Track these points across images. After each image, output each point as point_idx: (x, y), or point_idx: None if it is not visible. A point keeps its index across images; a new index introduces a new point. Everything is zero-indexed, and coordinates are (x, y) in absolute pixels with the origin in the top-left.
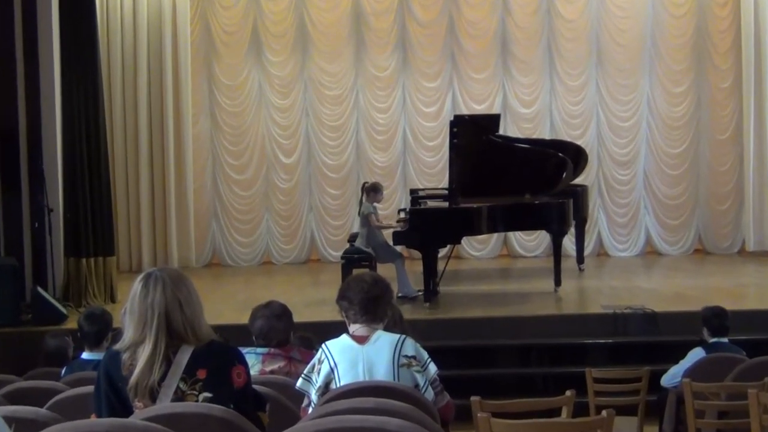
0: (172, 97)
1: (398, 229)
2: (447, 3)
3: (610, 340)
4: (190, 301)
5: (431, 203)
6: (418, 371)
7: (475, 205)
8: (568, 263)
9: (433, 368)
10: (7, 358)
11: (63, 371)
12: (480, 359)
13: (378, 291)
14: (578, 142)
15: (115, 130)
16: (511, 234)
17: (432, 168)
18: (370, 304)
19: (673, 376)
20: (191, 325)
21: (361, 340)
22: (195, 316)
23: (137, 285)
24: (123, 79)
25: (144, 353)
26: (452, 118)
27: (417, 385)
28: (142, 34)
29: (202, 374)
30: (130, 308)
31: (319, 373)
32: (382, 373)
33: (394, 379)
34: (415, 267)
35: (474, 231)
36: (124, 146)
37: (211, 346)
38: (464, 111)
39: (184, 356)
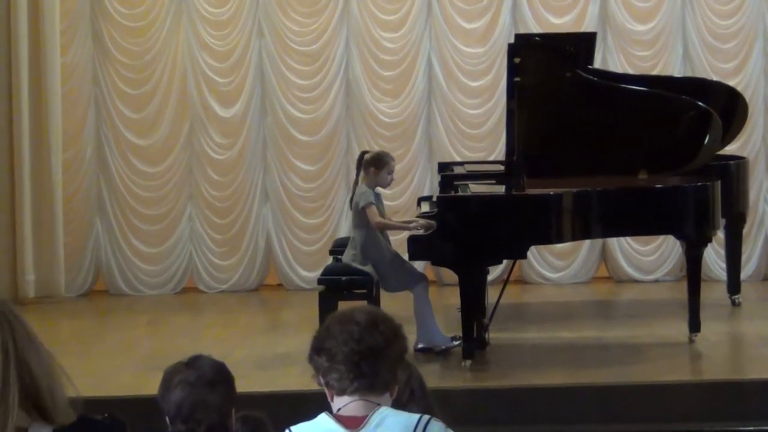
0: (27, 4)
1: (418, 232)
2: None
3: None
4: (38, 349)
5: (475, 187)
6: None
7: (551, 192)
8: (714, 292)
9: None
10: None
11: None
12: None
13: (378, 339)
14: (731, 83)
15: None
16: (614, 242)
17: (476, 127)
18: (364, 362)
19: None
20: (51, 391)
21: (352, 423)
22: (50, 375)
23: None
24: None
25: None
26: (512, 41)
27: None
28: None
29: None
30: None
31: None
32: None
33: None
34: (447, 298)
35: (550, 236)
36: None
37: (87, 429)
38: (533, 29)
39: None
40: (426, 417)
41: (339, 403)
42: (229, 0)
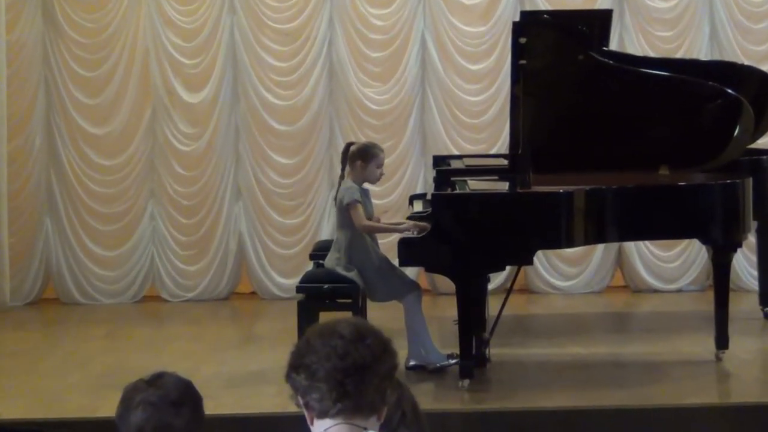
0: None
1: (410, 234)
2: None
3: None
4: None
5: (474, 184)
6: None
7: (561, 190)
8: (744, 304)
9: None
10: None
11: None
12: None
13: (365, 354)
14: (764, 68)
15: None
16: (631, 247)
17: (476, 116)
18: (349, 381)
19: None
20: None
21: None
22: None
23: None
24: None
25: None
26: (517, 18)
27: None
28: None
29: None
30: None
31: None
32: None
33: None
34: (443, 310)
35: (559, 240)
36: None
37: None
38: (541, 5)
39: None
40: None
41: (320, 426)
42: None
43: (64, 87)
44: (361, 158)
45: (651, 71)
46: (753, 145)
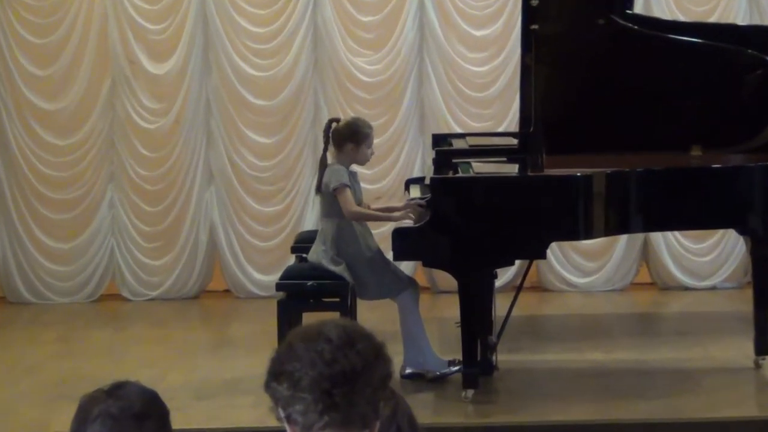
0: None
1: (406, 222)
2: None
3: None
4: None
5: (480, 166)
6: None
7: (578, 173)
8: None
9: None
10: None
11: None
12: None
13: (355, 361)
14: None
15: None
16: (658, 238)
17: (481, 89)
18: (337, 390)
19: None
20: None
21: None
22: None
23: None
24: None
25: None
26: None
27: None
28: None
29: None
30: None
31: None
32: None
33: None
34: (443, 310)
35: (576, 231)
36: None
37: None
38: None
39: None
40: None
41: None
42: None
43: (11, 55)
44: (353, 140)
45: (681, 38)
46: None
